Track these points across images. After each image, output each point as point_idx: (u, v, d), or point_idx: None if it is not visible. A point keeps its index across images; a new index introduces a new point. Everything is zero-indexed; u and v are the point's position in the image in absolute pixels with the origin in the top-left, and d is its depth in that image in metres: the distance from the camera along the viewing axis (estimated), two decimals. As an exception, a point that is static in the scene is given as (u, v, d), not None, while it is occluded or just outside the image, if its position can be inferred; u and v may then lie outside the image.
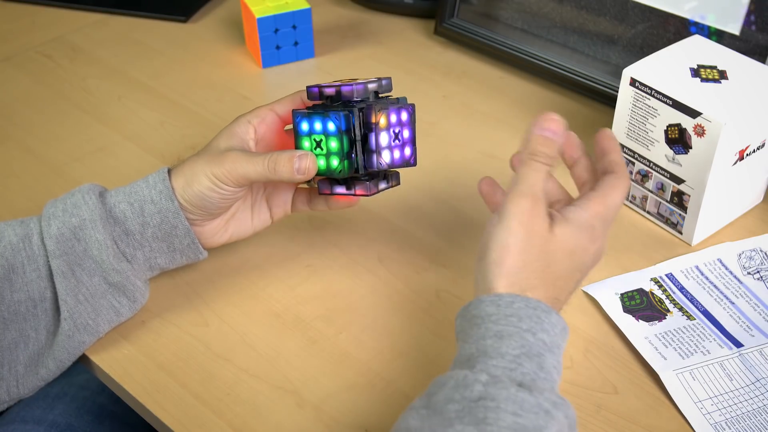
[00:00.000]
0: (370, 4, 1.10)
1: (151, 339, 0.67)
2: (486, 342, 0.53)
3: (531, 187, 0.57)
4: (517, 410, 0.49)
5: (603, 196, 0.59)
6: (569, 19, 0.93)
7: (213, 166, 0.63)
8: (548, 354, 0.53)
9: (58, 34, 1.07)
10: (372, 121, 0.63)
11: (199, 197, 0.64)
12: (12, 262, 0.62)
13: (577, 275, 0.59)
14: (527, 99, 0.93)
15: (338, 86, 0.64)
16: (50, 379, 0.64)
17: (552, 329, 0.54)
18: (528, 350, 0.52)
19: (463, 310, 0.56)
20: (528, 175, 0.57)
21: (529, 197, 0.56)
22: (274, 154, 0.63)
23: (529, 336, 0.53)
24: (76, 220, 0.62)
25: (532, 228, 0.56)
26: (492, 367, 0.51)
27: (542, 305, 0.54)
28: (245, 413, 0.61)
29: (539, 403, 0.49)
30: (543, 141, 0.59)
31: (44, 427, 0.77)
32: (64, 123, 0.91)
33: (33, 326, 0.63)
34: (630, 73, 0.72)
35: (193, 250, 0.66)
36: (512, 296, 0.54)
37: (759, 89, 0.69)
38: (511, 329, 0.53)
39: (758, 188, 0.76)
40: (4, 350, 0.62)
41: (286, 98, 0.69)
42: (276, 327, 0.68)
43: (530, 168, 0.58)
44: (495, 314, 0.54)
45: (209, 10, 1.12)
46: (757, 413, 0.60)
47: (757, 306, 0.67)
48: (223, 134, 0.66)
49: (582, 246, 0.58)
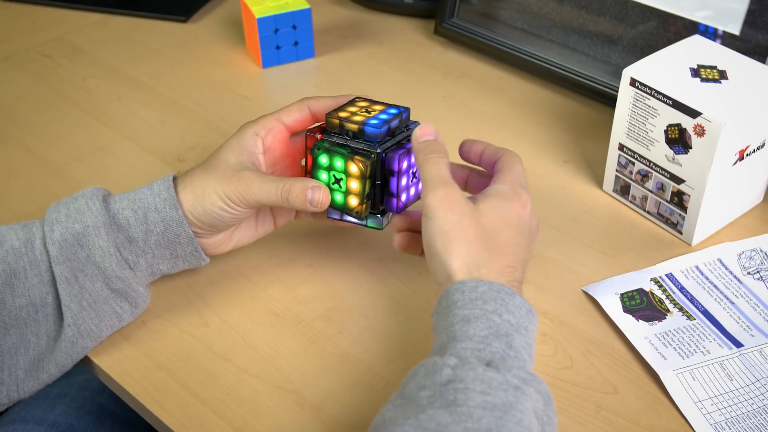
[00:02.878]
0: (370, 4, 1.10)
1: (151, 339, 0.67)
2: (455, 328, 0.54)
3: (438, 177, 0.59)
4: (486, 389, 0.50)
5: (509, 171, 0.62)
6: (569, 19, 0.93)
7: (225, 186, 0.63)
8: (516, 334, 0.54)
9: (58, 34, 1.07)
10: (396, 169, 0.63)
11: (209, 215, 0.64)
12: (14, 267, 0.62)
13: (523, 240, 0.60)
14: (527, 99, 0.93)
15: (362, 124, 0.63)
16: (50, 383, 0.64)
17: (517, 311, 0.55)
18: (495, 330, 0.54)
19: (436, 306, 0.58)
20: (429, 170, 0.60)
21: (441, 186, 0.59)
22: (287, 182, 0.63)
23: (495, 317, 0.54)
24: (79, 226, 0.62)
25: (458, 209, 0.58)
26: (461, 350, 0.53)
27: (505, 288, 0.56)
28: (245, 413, 0.61)
29: (507, 380, 0.50)
30: (425, 143, 0.61)
31: (44, 427, 0.77)
32: (64, 123, 0.91)
33: (34, 331, 0.63)
34: (630, 73, 0.72)
35: (195, 257, 0.66)
36: (475, 281, 0.55)
37: (759, 89, 0.69)
38: (477, 312, 0.54)
39: (758, 188, 0.76)
40: (5, 355, 0.62)
41: (293, 107, 0.68)
42: (276, 327, 0.68)
43: (428, 164, 0.60)
44: (461, 300, 0.55)
45: (209, 10, 1.12)
46: (757, 413, 0.60)
47: (757, 306, 0.67)
48: (232, 147, 0.66)
49: (515, 212, 0.60)
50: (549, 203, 0.79)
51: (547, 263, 0.72)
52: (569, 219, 0.77)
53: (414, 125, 0.67)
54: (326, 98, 0.68)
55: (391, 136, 0.64)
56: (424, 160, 0.60)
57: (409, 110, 0.66)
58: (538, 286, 0.70)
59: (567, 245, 0.74)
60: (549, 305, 0.69)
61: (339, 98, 0.68)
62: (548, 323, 0.67)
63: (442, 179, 0.59)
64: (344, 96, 0.68)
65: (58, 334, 0.63)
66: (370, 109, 0.65)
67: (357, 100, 0.67)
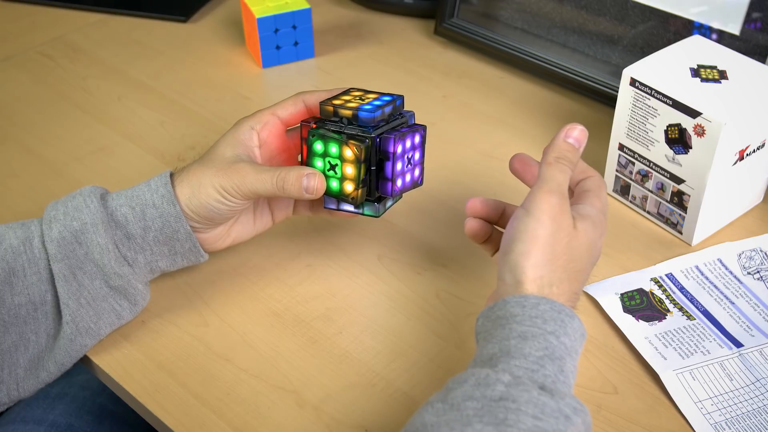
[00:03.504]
0: (370, 4, 1.10)
1: (151, 339, 0.67)
2: (510, 342, 0.53)
3: (559, 185, 0.58)
4: (538, 414, 0.49)
5: (598, 196, 0.62)
6: (569, 19, 0.93)
7: (221, 178, 0.63)
8: (568, 358, 0.54)
9: (58, 34, 1.07)
10: (391, 151, 0.63)
11: (206, 208, 0.64)
12: (13, 266, 0.62)
13: (590, 269, 0.60)
14: (527, 99, 0.93)
15: (355, 110, 0.63)
16: (50, 381, 0.64)
17: (573, 333, 0.55)
18: (551, 353, 0.53)
19: (488, 311, 0.56)
20: (556, 174, 0.59)
21: (558, 194, 0.58)
22: (282, 170, 0.63)
23: (552, 339, 0.53)
24: (77, 224, 0.62)
25: (561, 223, 0.57)
26: (514, 367, 0.51)
27: (566, 309, 0.55)
28: (245, 413, 0.61)
29: (560, 407, 0.49)
30: (568, 147, 0.61)
31: (44, 427, 0.77)
32: (64, 123, 0.91)
33: (33, 329, 0.63)
34: (630, 73, 0.72)
35: (194, 253, 0.66)
36: (538, 298, 0.55)
37: (759, 89, 0.69)
38: (536, 330, 0.53)
39: (758, 188, 0.76)
40: (4, 353, 0.62)
41: (288, 101, 0.68)
42: (276, 327, 0.68)
43: (557, 169, 0.59)
44: (520, 315, 0.54)
45: (209, 10, 1.12)
46: (757, 413, 0.60)
47: (757, 306, 0.67)
48: (228, 141, 0.66)
49: (595, 240, 0.60)
50: (549, 203, 0.79)
51: (547, 263, 0.72)
52: (569, 219, 0.77)
53: (409, 114, 0.67)
54: (321, 91, 0.68)
55: (385, 122, 0.65)
56: (556, 161, 0.60)
57: (403, 98, 0.66)
58: (538, 286, 0.70)
59: (567, 245, 0.74)
60: (549, 305, 0.69)
61: (333, 91, 0.68)
62: (548, 323, 0.67)
63: (561, 188, 0.58)
64: (339, 89, 0.68)
65: (57, 332, 0.63)
66: (363, 98, 0.66)
67: (351, 90, 0.68)
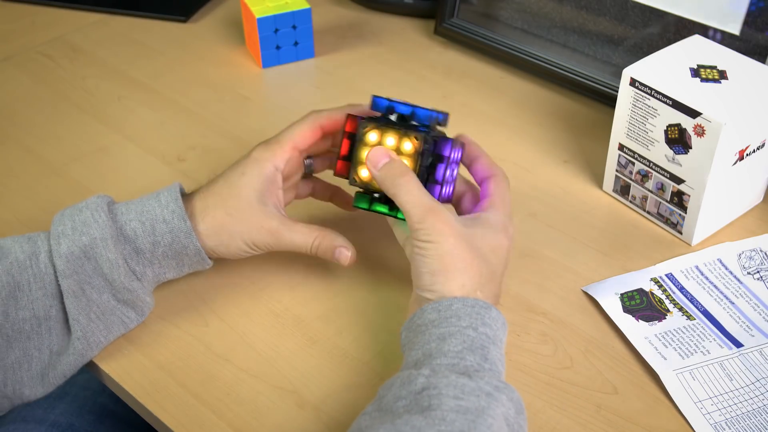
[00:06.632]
0: (370, 4, 1.10)
1: (151, 339, 0.67)
2: (431, 345, 0.55)
3: (420, 204, 0.59)
4: (458, 394, 0.51)
5: (501, 199, 0.64)
6: (569, 19, 0.93)
7: (253, 235, 0.65)
8: (492, 346, 0.56)
9: (58, 34, 1.07)
10: (446, 154, 0.63)
11: (232, 255, 0.66)
12: (18, 280, 0.61)
13: (504, 271, 0.62)
14: (527, 99, 0.93)
15: (414, 107, 0.63)
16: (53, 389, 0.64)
17: (493, 323, 0.57)
18: (470, 344, 0.55)
19: (408, 323, 0.58)
20: (406, 198, 0.60)
21: (428, 212, 0.59)
22: (317, 238, 0.66)
23: (470, 332, 0.55)
24: (86, 239, 0.62)
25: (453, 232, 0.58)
26: (436, 365, 0.54)
27: (480, 302, 0.57)
28: (245, 413, 0.61)
29: (479, 386, 0.52)
30: (386, 168, 0.61)
31: (45, 426, 0.77)
32: (64, 123, 0.91)
33: (37, 345, 0.62)
34: (630, 73, 0.72)
35: (200, 262, 0.66)
36: (451, 299, 0.57)
37: (759, 89, 0.69)
38: (452, 329, 0.55)
39: (758, 188, 0.76)
40: (8, 370, 0.62)
41: (305, 129, 0.67)
42: (276, 327, 0.68)
43: (401, 191, 0.60)
44: (437, 319, 0.56)
45: (209, 10, 1.12)
46: (757, 413, 0.60)
47: (757, 306, 0.67)
48: (253, 185, 0.65)
49: (504, 244, 0.61)
50: (549, 203, 0.79)
51: (547, 263, 0.72)
52: (569, 219, 0.77)
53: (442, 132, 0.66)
54: (333, 110, 0.68)
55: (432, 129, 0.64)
56: (394, 187, 0.60)
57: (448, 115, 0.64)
58: (538, 286, 0.70)
59: (567, 245, 0.74)
60: (549, 305, 0.69)
61: (345, 108, 0.68)
62: (548, 323, 0.67)
63: (425, 205, 0.59)
64: (350, 106, 0.68)
65: (60, 347, 0.63)
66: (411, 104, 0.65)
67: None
